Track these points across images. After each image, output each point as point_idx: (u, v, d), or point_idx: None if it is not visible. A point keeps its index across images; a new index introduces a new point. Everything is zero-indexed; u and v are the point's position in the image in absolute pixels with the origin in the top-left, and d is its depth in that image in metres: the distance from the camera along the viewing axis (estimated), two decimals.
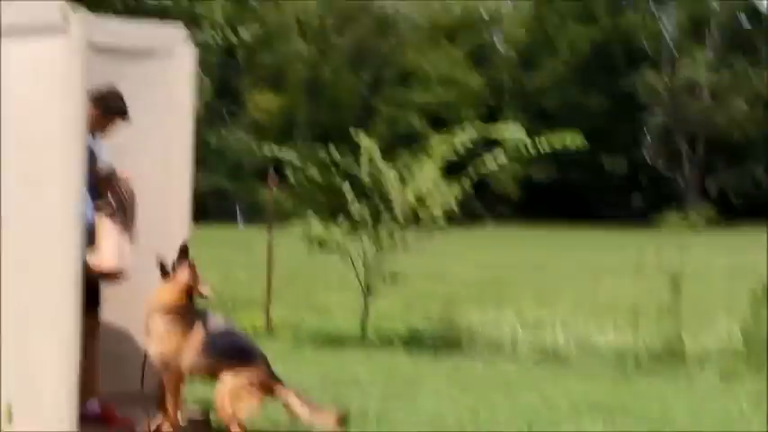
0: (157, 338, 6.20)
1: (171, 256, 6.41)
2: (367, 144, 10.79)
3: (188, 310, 6.26)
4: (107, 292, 6.52)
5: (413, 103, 58.27)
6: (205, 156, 44.91)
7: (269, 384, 6.21)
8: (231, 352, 6.23)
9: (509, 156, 11.12)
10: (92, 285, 6.22)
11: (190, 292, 6.29)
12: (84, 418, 6.02)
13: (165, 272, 6.27)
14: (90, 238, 6.26)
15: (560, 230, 28.74)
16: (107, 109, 6.43)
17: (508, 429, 6.78)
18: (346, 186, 10.91)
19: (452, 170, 11.32)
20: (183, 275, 6.27)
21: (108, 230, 6.35)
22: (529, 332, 10.54)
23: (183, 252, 6.34)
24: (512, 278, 12.75)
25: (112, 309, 6.58)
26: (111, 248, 6.31)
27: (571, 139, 10.90)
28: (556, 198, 57.92)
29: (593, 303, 13.02)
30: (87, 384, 6.11)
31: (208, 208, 41.00)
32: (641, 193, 62.16)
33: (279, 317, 11.87)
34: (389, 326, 11.42)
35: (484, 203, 49.63)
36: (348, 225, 11.04)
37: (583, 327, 10.89)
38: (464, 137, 10.92)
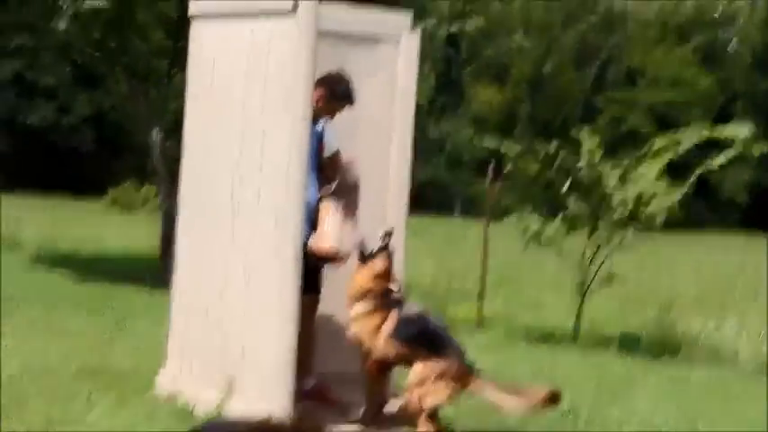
0: (354, 322, 6.28)
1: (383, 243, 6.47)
2: (589, 142, 10.59)
3: (383, 296, 6.29)
4: (329, 274, 6.64)
5: (637, 103, 56.84)
6: (425, 146, 45.34)
7: (462, 377, 6.08)
8: (422, 340, 6.17)
9: (735, 157, 10.67)
10: (313, 267, 6.35)
11: (385, 278, 6.31)
12: (299, 395, 6.16)
13: (362, 257, 6.33)
14: (313, 220, 6.39)
15: None
16: (334, 93, 6.51)
17: None
18: (566, 184, 10.74)
19: (676, 172, 10.98)
20: (379, 262, 6.30)
21: (331, 214, 6.45)
22: (751, 342, 10.10)
23: (387, 238, 6.38)
24: (733, 286, 12.27)
25: (333, 291, 6.70)
26: (332, 232, 6.40)
27: None
28: None
29: None
30: (303, 362, 6.24)
31: (425, 198, 41.32)
32: None
33: (491, 311, 11.84)
34: (603, 326, 11.20)
35: (709, 209, 47.94)
36: (565, 222, 10.86)
37: None
38: (689, 137, 10.56)
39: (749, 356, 9.80)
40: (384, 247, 6.36)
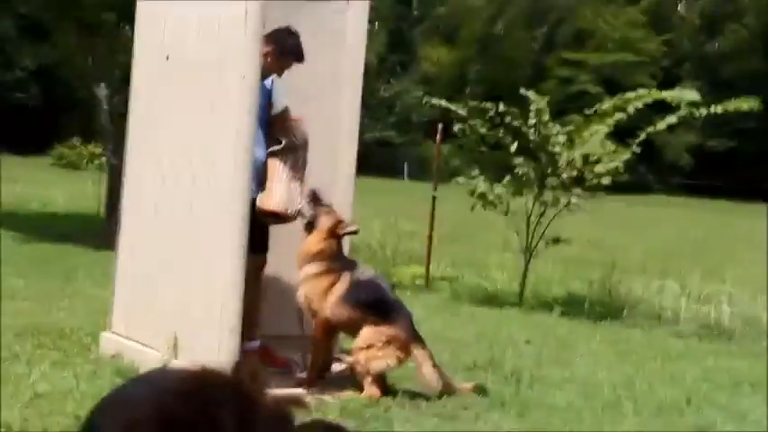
0: (303, 284, 6.28)
1: (336, 203, 6.48)
2: (538, 103, 10.62)
3: (334, 257, 6.29)
4: (275, 234, 6.63)
5: (586, 65, 57.13)
6: (373, 106, 45.27)
7: (407, 344, 6.17)
8: (373, 305, 6.21)
9: (681, 119, 10.78)
10: (260, 226, 6.31)
11: (334, 236, 6.32)
12: (244, 355, 6.15)
13: (307, 224, 6.33)
14: (260, 178, 6.34)
15: (731, 202, 27.74)
16: (283, 49, 6.45)
17: (665, 400, 6.64)
18: (514, 145, 10.78)
19: (621, 137, 11.06)
20: (324, 220, 6.31)
21: (278, 172, 6.40)
22: (692, 304, 10.27)
23: (315, 199, 6.37)
24: (676, 249, 12.43)
25: (279, 252, 6.69)
26: (280, 190, 6.37)
27: (748, 104, 10.45)
28: (729, 169, 55.98)
29: (760, 280, 12.57)
30: (249, 324, 6.24)
31: (374, 159, 41.30)
32: None
33: (438, 272, 11.90)
34: (548, 288, 11.31)
35: (654, 172, 48.52)
36: (513, 184, 10.92)
37: (749, 303, 10.53)
38: (638, 99, 10.62)
39: (689, 319, 9.96)
40: (321, 206, 6.35)
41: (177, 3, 6.44)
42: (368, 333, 6.15)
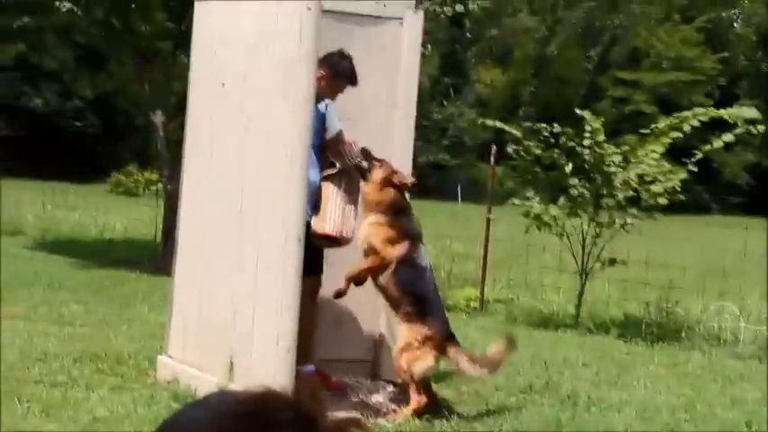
0: (365, 229, 6.31)
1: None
2: (593, 124, 10.56)
3: (397, 213, 6.34)
4: (329, 257, 6.63)
5: (641, 84, 56.62)
6: (427, 129, 45.28)
7: (441, 344, 6.24)
8: (415, 296, 6.27)
9: (739, 137, 10.66)
10: (314, 249, 6.33)
11: (391, 186, 6.34)
12: (303, 378, 6.16)
13: (362, 172, 6.38)
14: (315, 201, 6.36)
15: None
16: (336, 73, 6.48)
17: (725, 423, 6.53)
18: (568, 165, 10.72)
19: (678, 155, 10.95)
20: (377, 173, 6.35)
21: (333, 196, 6.44)
22: (751, 325, 10.10)
23: (367, 154, 6.41)
24: (734, 269, 12.24)
25: (334, 275, 6.69)
26: (335, 214, 6.40)
27: None
28: None
29: None
30: (304, 347, 6.23)
31: (427, 182, 41.29)
32: None
33: (493, 294, 11.85)
34: (605, 310, 11.20)
35: (712, 192, 47.88)
36: (568, 205, 10.84)
37: None
38: (695, 118, 10.52)
39: (749, 340, 9.80)
40: (372, 159, 6.39)
41: (231, 27, 6.49)
42: (405, 332, 6.25)
